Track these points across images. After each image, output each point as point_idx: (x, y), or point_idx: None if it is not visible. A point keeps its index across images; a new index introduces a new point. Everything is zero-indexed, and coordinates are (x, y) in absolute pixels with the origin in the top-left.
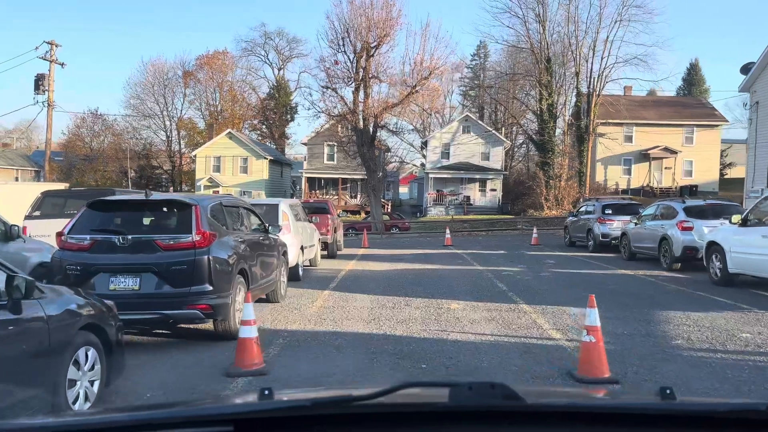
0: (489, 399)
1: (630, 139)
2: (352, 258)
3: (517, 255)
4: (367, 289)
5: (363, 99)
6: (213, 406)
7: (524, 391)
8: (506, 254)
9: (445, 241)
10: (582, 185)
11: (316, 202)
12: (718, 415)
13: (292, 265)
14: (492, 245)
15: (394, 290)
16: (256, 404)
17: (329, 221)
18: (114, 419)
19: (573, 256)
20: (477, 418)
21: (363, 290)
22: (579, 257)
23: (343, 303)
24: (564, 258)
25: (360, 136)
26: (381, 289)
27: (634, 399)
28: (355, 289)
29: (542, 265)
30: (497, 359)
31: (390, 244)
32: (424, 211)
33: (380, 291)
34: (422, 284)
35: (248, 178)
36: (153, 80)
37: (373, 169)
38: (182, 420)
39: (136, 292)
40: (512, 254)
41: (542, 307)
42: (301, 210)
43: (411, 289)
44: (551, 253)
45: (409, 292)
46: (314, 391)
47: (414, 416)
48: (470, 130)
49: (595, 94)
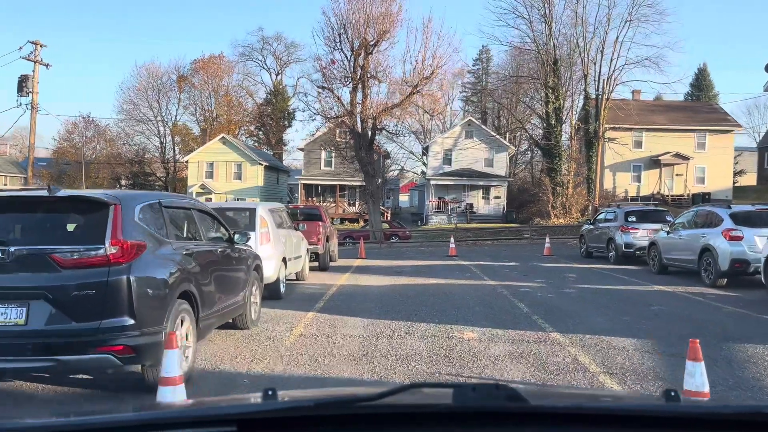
0: (493, 400)
1: (639, 145)
2: (346, 270)
3: (530, 267)
4: (360, 311)
5: (361, 100)
6: (216, 407)
7: (528, 392)
8: (518, 266)
9: (449, 252)
10: (591, 192)
11: (306, 207)
12: (724, 417)
13: (271, 280)
14: (501, 256)
15: (393, 312)
16: (260, 405)
17: (320, 229)
18: (117, 419)
19: (594, 269)
20: (481, 420)
21: (355, 312)
22: (601, 270)
23: (329, 330)
24: (585, 271)
25: (357, 140)
26: (377, 311)
27: (639, 401)
28: (345, 311)
29: (563, 279)
30: None
31: (389, 255)
32: (425, 220)
33: (376, 313)
34: (427, 304)
35: (242, 184)
36: (147, 84)
37: (372, 174)
38: (186, 420)
39: (19, 329)
40: (525, 266)
41: (579, 336)
42: (285, 216)
43: (413, 311)
44: (569, 265)
45: (412, 315)
46: (318, 392)
47: (418, 417)
48: (473, 135)
49: (604, 97)
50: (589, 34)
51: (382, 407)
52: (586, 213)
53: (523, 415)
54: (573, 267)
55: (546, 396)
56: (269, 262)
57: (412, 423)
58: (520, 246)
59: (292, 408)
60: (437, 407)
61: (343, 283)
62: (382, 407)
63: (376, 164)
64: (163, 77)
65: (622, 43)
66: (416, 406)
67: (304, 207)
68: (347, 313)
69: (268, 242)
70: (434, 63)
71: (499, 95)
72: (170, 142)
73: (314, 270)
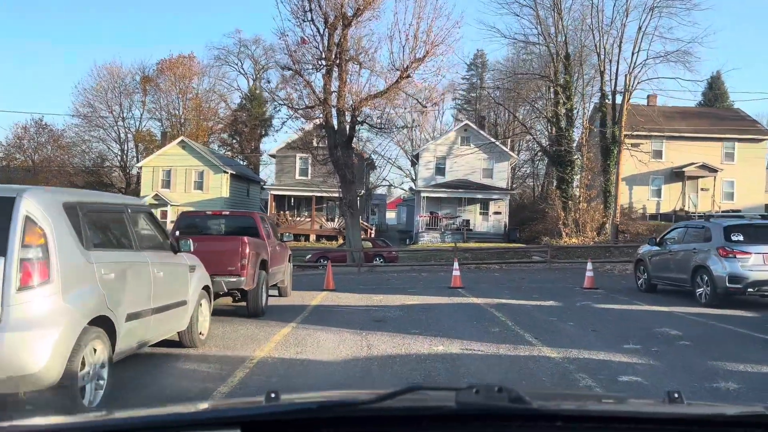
0: (496, 402)
1: (659, 155)
2: (294, 315)
3: (584, 312)
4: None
5: (337, 87)
6: (220, 409)
7: (532, 394)
8: (563, 309)
9: (451, 281)
10: (608, 207)
11: (233, 215)
12: (727, 419)
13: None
14: (524, 288)
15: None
16: (264, 407)
17: (244, 249)
18: (120, 421)
19: (690, 316)
20: (484, 422)
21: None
22: (703, 317)
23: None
24: (681, 321)
25: (332, 136)
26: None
27: (643, 403)
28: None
29: (670, 345)
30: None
31: (369, 283)
32: (415, 238)
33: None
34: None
35: (204, 195)
36: (107, 86)
37: (350, 179)
38: (189, 422)
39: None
40: (573, 309)
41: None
42: (129, 220)
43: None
44: (639, 308)
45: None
46: (321, 395)
47: (421, 419)
48: (470, 142)
49: (626, 95)
50: (605, 26)
51: (385, 409)
52: (603, 232)
53: (526, 417)
54: (651, 311)
55: (549, 398)
56: (41, 337)
57: (415, 425)
58: (538, 272)
59: (295, 410)
60: (440, 409)
61: (266, 356)
62: (385, 409)
63: (357, 169)
64: (126, 78)
65: (644, 35)
66: (419, 408)
67: (230, 213)
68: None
69: (43, 282)
70: (429, 39)
71: (501, 95)
72: (133, 149)
73: (237, 318)
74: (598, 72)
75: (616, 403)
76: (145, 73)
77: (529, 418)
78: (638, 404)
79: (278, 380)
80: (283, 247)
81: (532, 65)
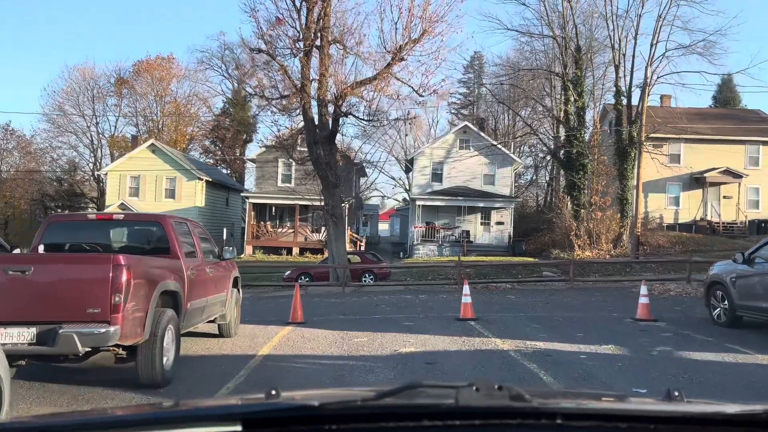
0: (496, 399)
1: (677, 159)
2: (221, 381)
3: (670, 365)
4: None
5: (318, 73)
6: (222, 405)
7: (532, 392)
8: (635, 362)
9: (460, 310)
10: (625, 216)
11: (130, 219)
12: (727, 417)
13: None
14: (555, 319)
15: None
16: (265, 404)
17: (122, 278)
18: (122, 417)
19: None
20: (484, 419)
21: None
22: None
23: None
24: None
25: (312, 130)
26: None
27: (643, 402)
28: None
29: None
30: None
31: (352, 311)
32: (409, 251)
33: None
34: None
35: (176, 204)
36: (79, 89)
37: (334, 182)
38: (192, 418)
39: None
40: (649, 360)
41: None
42: None
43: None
44: (755, 359)
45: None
46: (321, 392)
47: (420, 417)
48: (470, 145)
49: (648, 87)
50: (620, 15)
51: (385, 407)
52: (619, 244)
53: (526, 414)
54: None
55: (549, 396)
56: None
57: (415, 422)
58: (560, 292)
59: (296, 407)
60: (440, 407)
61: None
62: (385, 407)
63: (343, 171)
64: (101, 80)
65: (663, 25)
66: (419, 405)
67: (127, 218)
68: None
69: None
70: (426, 15)
71: (503, 94)
72: (108, 156)
73: (114, 387)
74: (608, 69)
75: (616, 401)
76: (121, 75)
77: (529, 416)
78: (638, 402)
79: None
80: (222, 268)
81: (536, 61)
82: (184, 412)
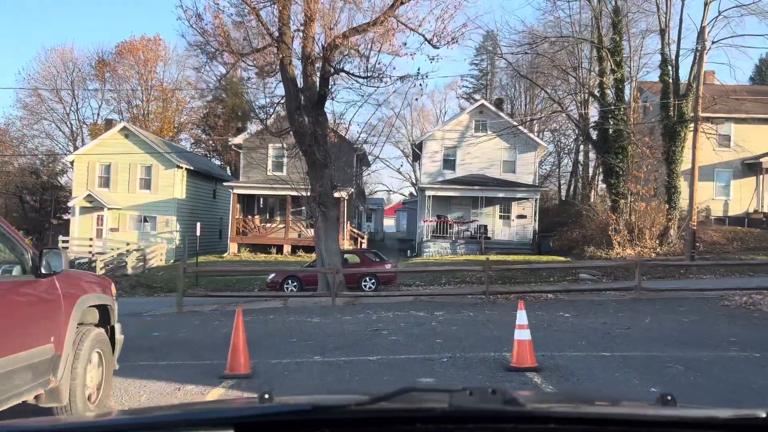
0: (489, 403)
1: (727, 142)
2: None
3: None
4: None
5: (303, 20)
6: (215, 409)
7: (526, 397)
8: None
9: (513, 352)
10: (673, 207)
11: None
12: (720, 422)
13: None
14: (666, 362)
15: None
16: (258, 408)
17: None
18: (116, 422)
19: None
20: (477, 423)
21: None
22: None
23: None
24: None
25: (294, 93)
26: None
27: (636, 406)
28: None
29: None
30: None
31: (336, 347)
32: (418, 249)
33: None
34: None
35: (152, 196)
36: (57, 71)
37: (321, 160)
38: (184, 423)
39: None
40: None
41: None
42: None
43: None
44: None
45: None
46: (314, 397)
47: (414, 421)
48: (487, 127)
49: (704, 53)
50: None
51: (378, 411)
52: (666, 240)
53: (519, 419)
54: None
55: (542, 401)
56: None
57: (408, 426)
58: (632, 308)
59: (289, 411)
60: (434, 411)
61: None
62: (379, 411)
63: (336, 150)
64: (80, 62)
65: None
66: (413, 409)
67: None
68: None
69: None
70: None
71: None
72: None
73: None
74: (645, 40)
75: (610, 405)
76: (103, 57)
77: (522, 420)
78: (631, 407)
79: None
80: (43, 291)
81: (561, 31)
82: (176, 417)
